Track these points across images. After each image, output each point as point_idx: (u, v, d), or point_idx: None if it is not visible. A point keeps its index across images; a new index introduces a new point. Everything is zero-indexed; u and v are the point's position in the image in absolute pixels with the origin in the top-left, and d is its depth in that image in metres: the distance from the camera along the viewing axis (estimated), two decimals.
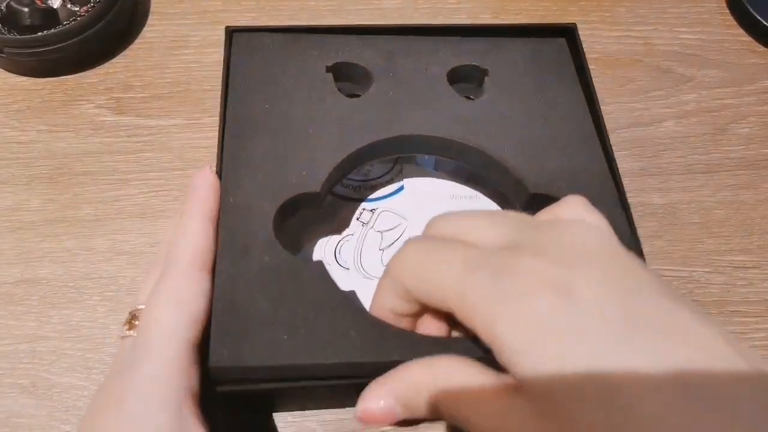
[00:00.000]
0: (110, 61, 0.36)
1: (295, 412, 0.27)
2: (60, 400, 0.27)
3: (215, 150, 0.33)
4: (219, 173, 0.25)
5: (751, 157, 0.35)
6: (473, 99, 0.30)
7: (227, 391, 0.22)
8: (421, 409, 0.20)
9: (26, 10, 0.34)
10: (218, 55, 0.37)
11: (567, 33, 0.32)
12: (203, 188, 0.24)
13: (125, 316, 0.29)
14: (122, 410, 0.20)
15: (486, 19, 0.39)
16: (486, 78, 0.30)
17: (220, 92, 0.34)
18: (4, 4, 0.34)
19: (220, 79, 0.36)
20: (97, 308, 0.29)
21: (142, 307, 0.23)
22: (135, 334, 0.22)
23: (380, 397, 0.20)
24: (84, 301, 0.29)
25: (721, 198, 0.34)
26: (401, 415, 0.20)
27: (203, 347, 0.22)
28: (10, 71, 0.36)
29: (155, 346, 0.21)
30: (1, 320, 0.29)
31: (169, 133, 0.34)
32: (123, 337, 0.23)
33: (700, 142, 0.36)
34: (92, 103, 0.35)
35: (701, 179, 0.34)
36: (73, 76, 0.36)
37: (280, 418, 0.27)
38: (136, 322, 0.23)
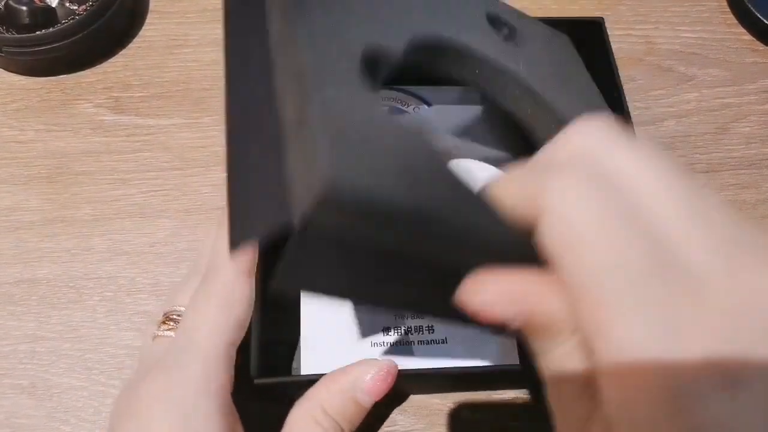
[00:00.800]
0: (109, 60, 0.36)
1: None
2: (59, 400, 0.27)
3: (215, 149, 0.34)
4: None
5: (753, 157, 0.35)
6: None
7: (263, 384, 0.23)
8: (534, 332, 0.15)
9: (25, 8, 0.33)
10: (217, 54, 0.37)
11: (594, 26, 0.33)
12: None
13: (125, 315, 0.29)
14: (170, 404, 0.20)
15: None
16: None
17: (219, 92, 0.34)
18: (3, 3, 0.34)
19: (220, 78, 0.36)
20: (97, 308, 0.29)
21: (179, 308, 0.23)
22: (172, 335, 0.23)
23: (507, 301, 0.15)
24: (83, 302, 0.29)
25: (723, 197, 0.34)
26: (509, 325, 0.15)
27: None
28: (8, 70, 0.36)
29: (202, 345, 0.21)
30: (0, 321, 0.29)
31: (169, 133, 0.34)
32: (157, 337, 0.23)
33: (701, 142, 0.35)
34: (91, 102, 0.35)
35: (702, 179, 0.34)
36: (71, 75, 0.36)
37: None
38: (173, 324, 0.23)
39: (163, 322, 0.23)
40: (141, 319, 0.29)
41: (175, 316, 0.23)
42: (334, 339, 0.28)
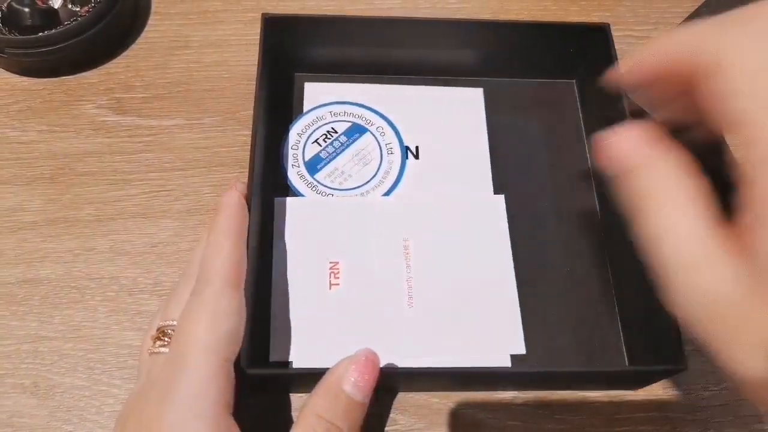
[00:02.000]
0: (111, 62, 0.36)
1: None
2: (61, 400, 0.27)
3: (216, 150, 0.34)
4: None
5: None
6: None
7: (255, 374, 0.23)
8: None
9: (27, 10, 0.34)
10: (219, 55, 0.37)
11: (599, 31, 0.32)
12: (232, 206, 0.25)
13: (127, 315, 0.29)
14: (162, 429, 0.20)
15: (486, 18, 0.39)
16: None
17: (220, 93, 0.34)
18: (5, 5, 0.34)
19: (221, 79, 0.36)
20: (99, 309, 0.29)
21: (172, 322, 0.23)
22: (167, 351, 0.22)
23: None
24: (85, 302, 0.30)
25: None
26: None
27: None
28: (11, 71, 0.36)
29: (193, 365, 0.21)
30: (2, 320, 0.29)
31: (170, 134, 0.34)
32: (153, 353, 0.23)
33: None
34: (93, 103, 0.35)
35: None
36: (74, 76, 0.36)
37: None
38: (167, 339, 0.23)
39: (158, 338, 0.23)
40: (143, 319, 0.29)
41: (168, 331, 0.23)
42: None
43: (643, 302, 0.28)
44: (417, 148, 0.34)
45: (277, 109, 0.34)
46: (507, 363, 0.28)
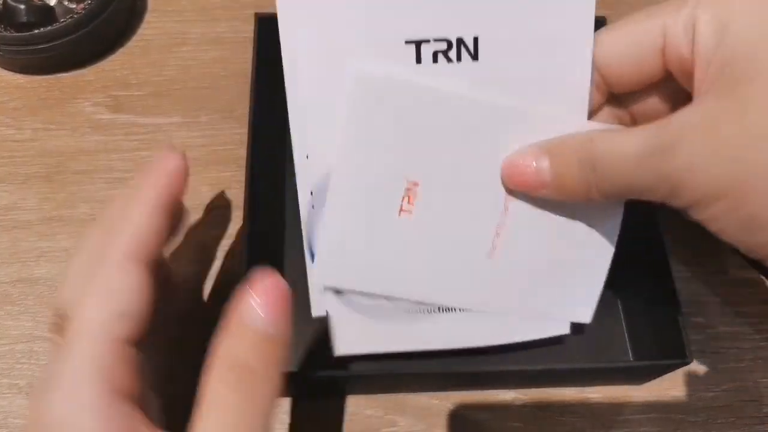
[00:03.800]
0: (107, 59, 0.36)
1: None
2: None
3: (213, 148, 0.34)
4: None
5: None
6: None
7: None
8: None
9: (23, 7, 0.33)
10: (216, 52, 0.37)
11: (597, 25, 0.32)
12: (164, 173, 0.21)
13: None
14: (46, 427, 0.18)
15: None
16: None
17: (218, 91, 0.34)
18: (1, 1, 0.34)
19: (219, 77, 0.36)
20: None
21: (65, 304, 0.20)
22: (56, 337, 0.20)
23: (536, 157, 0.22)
24: None
25: None
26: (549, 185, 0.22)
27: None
28: (6, 69, 0.36)
29: (78, 350, 0.18)
30: None
31: (167, 132, 0.34)
32: (49, 340, 0.21)
33: None
34: (89, 101, 0.35)
35: None
36: (69, 73, 0.35)
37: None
38: (56, 325, 0.20)
39: (54, 323, 0.21)
40: None
41: (61, 313, 0.20)
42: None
43: (646, 297, 0.28)
44: (476, 40, 0.22)
45: (274, 108, 0.33)
46: (566, 330, 0.27)
